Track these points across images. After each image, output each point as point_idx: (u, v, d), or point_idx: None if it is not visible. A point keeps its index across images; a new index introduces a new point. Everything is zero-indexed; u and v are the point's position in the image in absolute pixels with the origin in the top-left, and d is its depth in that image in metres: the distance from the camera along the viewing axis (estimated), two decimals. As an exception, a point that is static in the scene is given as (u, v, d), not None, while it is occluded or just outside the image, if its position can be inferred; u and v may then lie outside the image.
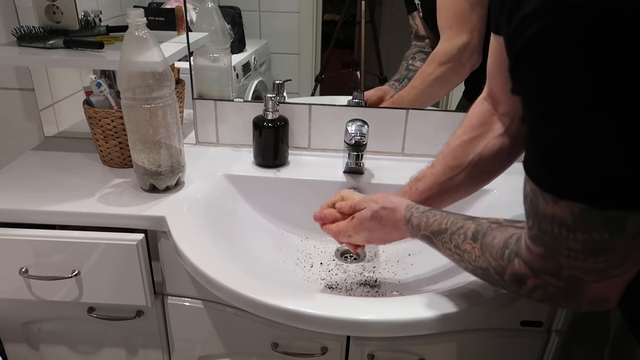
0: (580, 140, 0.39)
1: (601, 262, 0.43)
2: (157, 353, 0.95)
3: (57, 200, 0.85)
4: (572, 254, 0.44)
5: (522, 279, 0.50)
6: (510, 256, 0.51)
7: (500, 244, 0.53)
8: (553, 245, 0.44)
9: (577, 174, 0.40)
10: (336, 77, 1.13)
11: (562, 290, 0.47)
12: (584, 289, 0.46)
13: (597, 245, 0.42)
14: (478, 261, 0.57)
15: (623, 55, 0.35)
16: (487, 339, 0.82)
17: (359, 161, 0.96)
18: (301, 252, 0.93)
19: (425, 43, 1.04)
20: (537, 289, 0.49)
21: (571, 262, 0.44)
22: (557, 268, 0.45)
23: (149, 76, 0.80)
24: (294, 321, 0.66)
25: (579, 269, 0.44)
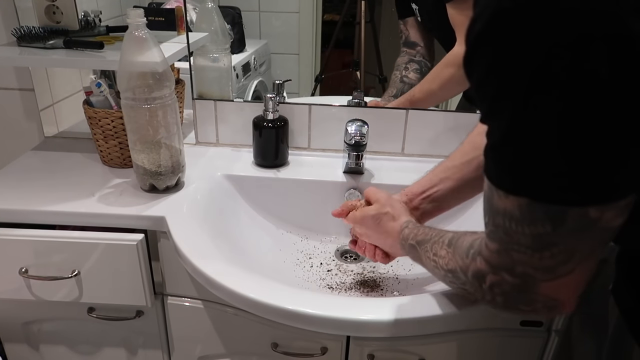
0: (523, 136, 0.41)
1: (547, 257, 0.45)
2: (157, 353, 0.95)
3: (57, 200, 0.85)
4: (522, 249, 0.46)
5: (482, 276, 0.52)
6: (474, 255, 0.53)
7: (467, 244, 0.55)
8: (506, 239, 0.47)
9: (521, 169, 0.42)
10: (336, 77, 1.13)
11: (516, 289, 0.49)
12: (536, 287, 0.47)
13: (542, 239, 0.44)
14: (449, 264, 0.58)
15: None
16: (487, 339, 0.82)
17: (358, 161, 0.96)
18: (301, 252, 0.93)
19: (416, 50, 1.04)
20: (495, 286, 0.50)
21: (522, 257, 0.46)
22: (511, 263, 0.47)
23: (148, 76, 0.80)
24: (294, 321, 0.66)
25: (529, 265, 0.46)
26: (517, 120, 0.41)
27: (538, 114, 0.39)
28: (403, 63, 1.06)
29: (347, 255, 0.93)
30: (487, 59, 0.41)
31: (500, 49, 0.40)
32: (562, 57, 0.37)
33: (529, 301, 0.49)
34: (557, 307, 0.49)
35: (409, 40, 1.04)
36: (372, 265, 0.90)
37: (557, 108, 0.38)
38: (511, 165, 0.43)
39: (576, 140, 0.39)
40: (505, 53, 0.40)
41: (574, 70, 0.37)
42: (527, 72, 0.39)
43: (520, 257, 0.46)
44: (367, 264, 0.91)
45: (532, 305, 0.50)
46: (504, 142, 0.43)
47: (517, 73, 0.39)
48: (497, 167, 0.45)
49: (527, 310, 0.51)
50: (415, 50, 1.04)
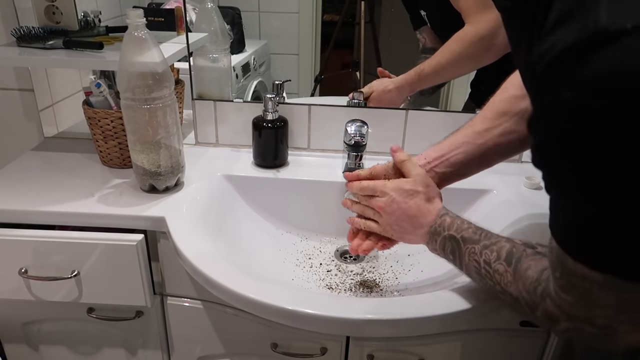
0: (612, 220, 0.39)
1: (636, 316, 0.43)
2: (157, 353, 0.95)
3: (57, 200, 0.85)
4: (604, 308, 0.43)
5: (556, 319, 0.48)
6: (543, 294, 0.49)
7: (534, 277, 0.51)
8: (585, 296, 0.44)
9: (606, 249, 0.40)
10: (336, 77, 1.13)
11: (597, 337, 0.46)
12: (619, 337, 0.45)
13: (630, 302, 0.42)
14: (509, 287, 0.55)
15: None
16: (487, 339, 0.82)
17: (358, 162, 0.96)
18: (301, 252, 0.93)
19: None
20: (571, 330, 0.48)
21: (604, 313, 0.43)
22: (591, 316, 0.45)
23: (148, 77, 0.80)
24: (294, 321, 0.66)
25: (613, 320, 0.44)
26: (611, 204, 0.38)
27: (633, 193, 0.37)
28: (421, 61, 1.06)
29: (347, 255, 0.93)
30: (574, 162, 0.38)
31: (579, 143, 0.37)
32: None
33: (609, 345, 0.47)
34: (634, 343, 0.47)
35: (426, 47, 1.04)
36: (371, 266, 0.90)
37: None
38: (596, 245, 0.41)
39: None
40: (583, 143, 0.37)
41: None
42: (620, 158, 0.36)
43: (602, 313, 0.44)
44: (366, 265, 0.91)
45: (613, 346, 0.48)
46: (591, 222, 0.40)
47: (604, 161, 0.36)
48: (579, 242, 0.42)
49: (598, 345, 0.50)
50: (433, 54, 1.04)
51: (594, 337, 0.47)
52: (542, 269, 0.51)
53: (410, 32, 1.06)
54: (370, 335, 0.75)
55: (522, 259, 0.54)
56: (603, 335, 0.46)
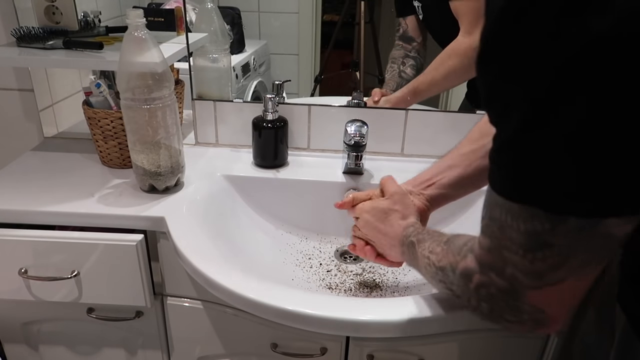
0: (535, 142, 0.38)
1: (539, 260, 0.43)
2: (157, 354, 0.95)
3: (57, 200, 0.85)
4: (513, 247, 0.43)
5: (470, 274, 0.50)
6: (466, 252, 0.51)
7: (462, 242, 0.53)
8: (499, 235, 0.44)
9: (527, 177, 0.40)
10: (335, 77, 1.13)
11: (503, 293, 0.47)
12: (522, 294, 0.45)
13: (538, 239, 0.42)
14: (441, 261, 0.56)
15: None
16: (487, 340, 0.82)
17: (358, 162, 0.96)
18: (301, 252, 0.93)
19: (412, 46, 1.04)
20: (482, 287, 0.48)
21: (513, 257, 0.44)
22: (501, 263, 0.45)
23: (148, 77, 0.80)
24: (294, 322, 0.66)
25: (519, 267, 0.44)
26: (529, 126, 0.38)
27: (557, 121, 0.36)
28: (400, 57, 1.05)
29: (347, 255, 0.93)
30: (501, 63, 0.39)
31: (513, 55, 0.37)
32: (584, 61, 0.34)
33: (515, 310, 0.47)
34: (544, 321, 0.47)
35: (406, 34, 1.04)
36: (371, 266, 0.90)
37: (578, 116, 0.35)
38: (516, 172, 0.41)
39: (591, 151, 0.36)
40: (519, 59, 0.37)
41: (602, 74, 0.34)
42: (546, 79, 0.36)
43: (511, 258, 0.44)
44: (366, 265, 0.91)
45: (519, 316, 0.47)
46: (511, 146, 0.40)
47: (535, 78, 0.36)
48: (498, 170, 0.43)
49: (512, 321, 0.49)
50: (411, 46, 1.04)
51: (501, 296, 0.47)
52: (472, 237, 0.52)
53: (397, 29, 1.06)
54: (370, 335, 0.75)
55: (458, 236, 0.56)
56: (509, 291, 0.46)
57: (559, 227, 0.40)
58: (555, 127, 0.37)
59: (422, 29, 1.03)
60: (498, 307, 0.48)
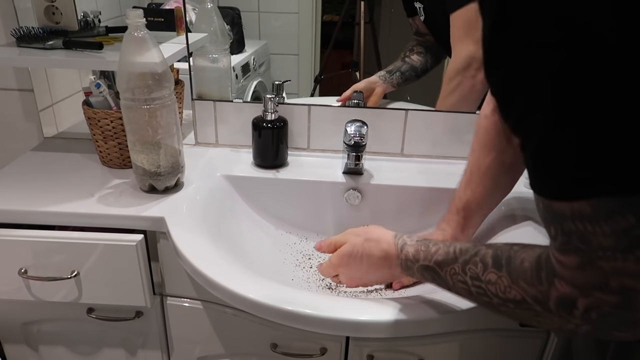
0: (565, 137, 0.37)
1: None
2: (157, 354, 0.95)
3: (57, 200, 0.85)
4: (608, 254, 0.38)
5: (571, 301, 0.42)
6: (549, 277, 0.44)
7: (532, 266, 0.46)
8: (584, 247, 0.39)
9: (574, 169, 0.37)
10: (335, 77, 1.13)
11: (618, 308, 0.40)
12: (637, 301, 0.40)
13: (629, 235, 0.37)
14: (509, 292, 0.48)
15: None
16: (487, 339, 0.82)
17: (358, 162, 0.96)
18: (300, 252, 0.93)
19: (425, 39, 1.04)
20: (591, 310, 0.41)
21: (612, 264, 0.38)
22: (602, 278, 0.39)
23: (148, 77, 0.80)
24: (293, 322, 0.66)
25: (625, 274, 0.38)
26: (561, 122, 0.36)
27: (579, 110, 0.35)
28: (410, 46, 1.06)
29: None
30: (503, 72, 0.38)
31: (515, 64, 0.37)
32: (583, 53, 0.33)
33: (630, 322, 0.41)
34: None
35: (419, 31, 1.04)
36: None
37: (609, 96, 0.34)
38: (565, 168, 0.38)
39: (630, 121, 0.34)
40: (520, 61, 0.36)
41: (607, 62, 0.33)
42: (549, 76, 0.35)
43: (610, 266, 0.39)
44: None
45: (633, 329, 0.42)
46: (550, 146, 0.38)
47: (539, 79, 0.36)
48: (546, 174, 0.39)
49: (624, 335, 0.43)
50: (424, 39, 1.04)
51: (617, 312, 0.41)
52: (539, 255, 0.46)
53: (409, 32, 1.06)
54: (370, 335, 0.75)
55: (513, 257, 0.49)
56: (624, 304, 0.40)
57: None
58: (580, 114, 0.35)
59: (428, 28, 1.04)
60: (610, 323, 0.42)
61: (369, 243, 0.68)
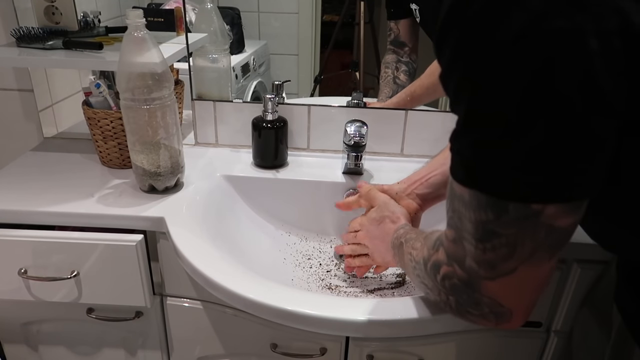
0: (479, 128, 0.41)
1: (490, 250, 0.44)
2: (157, 354, 0.95)
3: (56, 201, 0.85)
4: (468, 237, 0.46)
5: (438, 266, 0.52)
6: (437, 245, 0.53)
7: (436, 236, 0.55)
8: (459, 225, 0.46)
9: (468, 159, 0.43)
10: (335, 78, 1.13)
11: (463, 283, 0.48)
12: (479, 285, 0.47)
13: (485, 228, 0.44)
14: (418, 256, 0.58)
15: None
16: (487, 340, 0.83)
17: (358, 162, 0.96)
18: (300, 252, 0.93)
19: (403, 51, 1.04)
20: (445, 279, 0.50)
21: (470, 248, 0.46)
22: (462, 254, 0.47)
23: (148, 77, 0.80)
24: (293, 322, 0.66)
25: (475, 258, 0.46)
26: (473, 107, 0.41)
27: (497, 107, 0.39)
28: (393, 62, 1.05)
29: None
30: (453, 44, 0.41)
31: (464, 37, 0.40)
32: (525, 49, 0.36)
33: (476, 303, 0.49)
34: (504, 315, 0.49)
35: (398, 39, 1.04)
36: (371, 266, 0.90)
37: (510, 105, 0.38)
38: (463, 155, 0.44)
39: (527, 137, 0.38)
40: (469, 38, 0.39)
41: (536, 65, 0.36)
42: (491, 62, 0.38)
43: (468, 248, 0.46)
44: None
45: (480, 309, 0.49)
46: (462, 132, 0.43)
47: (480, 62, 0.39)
48: (454, 156, 0.45)
49: (476, 314, 0.50)
50: (403, 51, 1.04)
51: (462, 286, 0.49)
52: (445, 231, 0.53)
53: (389, 34, 1.06)
54: (369, 335, 0.75)
55: (437, 230, 0.57)
56: (468, 282, 0.48)
57: (502, 217, 0.42)
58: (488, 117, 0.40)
59: (413, 34, 1.03)
60: (462, 299, 0.50)
61: (387, 219, 0.75)
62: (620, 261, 0.58)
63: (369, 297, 0.82)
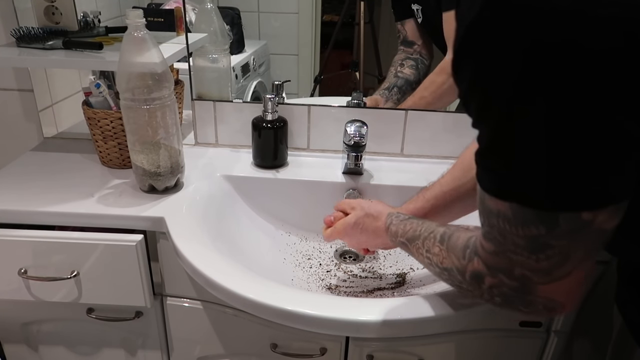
0: (510, 143, 0.41)
1: (544, 260, 0.45)
2: (156, 354, 0.95)
3: (56, 201, 0.85)
4: (518, 250, 0.45)
5: (481, 277, 0.51)
6: (470, 255, 0.53)
7: (462, 244, 0.55)
8: (501, 240, 0.46)
9: (508, 175, 0.43)
10: (335, 78, 1.13)
11: (515, 291, 0.49)
12: (534, 289, 0.47)
13: (537, 241, 0.44)
14: (444, 262, 0.58)
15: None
16: (487, 340, 0.83)
17: (358, 162, 0.96)
18: (300, 253, 0.93)
19: (413, 49, 1.04)
20: (494, 288, 0.50)
21: (519, 258, 0.46)
22: (509, 266, 0.47)
23: (148, 77, 0.80)
24: (293, 322, 0.66)
25: (527, 267, 0.46)
26: (503, 127, 0.41)
27: (523, 121, 0.39)
28: (399, 60, 1.06)
29: (346, 255, 0.93)
30: (470, 69, 0.41)
31: (481, 59, 0.40)
32: (543, 63, 0.36)
33: (528, 303, 0.49)
34: (556, 308, 0.49)
35: (406, 39, 1.04)
36: (371, 266, 0.90)
37: (541, 115, 0.38)
38: (498, 171, 0.43)
39: (563, 147, 0.38)
40: (486, 62, 0.39)
41: (557, 76, 0.36)
42: (509, 80, 0.38)
43: (517, 259, 0.46)
44: (366, 265, 0.91)
45: (531, 307, 0.50)
46: (492, 148, 0.43)
47: (499, 82, 0.39)
48: (485, 172, 0.45)
49: (526, 311, 0.51)
50: (413, 49, 1.04)
51: (514, 293, 0.49)
52: (471, 236, 0.54)
53: (398, 37, 1.06)
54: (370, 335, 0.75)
55: (453, 235, 0.58)
56: (521, 289, 0.48)
57: (554, 231, 0.42)
58: (523, 126, 0.40)
59: (422, 32, 1.03)
60: (511, 301, 0.50)
61: (367, 218, 0.77)
62: (621, 262, 0.58)
63: (369, 297, 0.82)
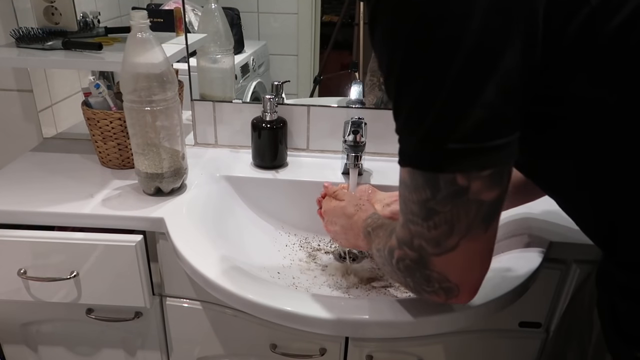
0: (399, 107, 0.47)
1: (433, 228, 0.48)
2: (156, 354, 0.95)
3: (56, 201, 0.85)
4: (414, 218, 0.49)
5: (392, 251, 0.55)
6: (391, 233, 0.57)
7: (393, 225, 0.59)
8: (405, 209, 0.50)
9: (401, 140, 0.48)
10: (335, 78, 1.13)
11: (415, 263, 0.52)
12: (429, 261, 0.50)
13: (426, 207, 0.47)
14: (379, 244, 0.61)
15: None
16: (486, 340, 0.83)
17: (357, 162, 0.96)
18: (300, 253, 0.93)
19: None
20: (400, 261, 0.54)
21: (416, 228, 0.49)
22: (410, 236, 0.51)
23: (152, 79, 0.80)
24: (293, 322, 0.66)
25: (422, 237, 0.49)
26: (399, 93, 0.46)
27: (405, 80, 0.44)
28: (378, 69, 1.05)
29: (346, 256, 0.93)
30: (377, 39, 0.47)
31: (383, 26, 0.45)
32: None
33: (427, 279, 0.52)
34: (452, 290, 0.52)
35: None
36: (371, 267, 0.90)
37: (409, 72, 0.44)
38: (400, 139, 0.48)
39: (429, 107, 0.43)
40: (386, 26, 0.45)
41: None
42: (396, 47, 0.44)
43: (415, 229, 0.50)
44: (366, 265, 0.91)
45: (432, 285, 0.53)
46: (395, 116, 0.48)
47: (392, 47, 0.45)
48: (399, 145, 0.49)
49: (429, 291, 0.54)
50: None
51: (414, 266, 0.52)
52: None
53: None
54: (369, 336, 0.75)
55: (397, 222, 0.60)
56: (419, 260, 0.51)
57: (437, 194, 0.46)
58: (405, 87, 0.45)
59: None
60: (416, 278, 0.54)
61: (358, 209, 0.76)
62: (598, 275, 0.58)
63: (369, 297, 0.82)
